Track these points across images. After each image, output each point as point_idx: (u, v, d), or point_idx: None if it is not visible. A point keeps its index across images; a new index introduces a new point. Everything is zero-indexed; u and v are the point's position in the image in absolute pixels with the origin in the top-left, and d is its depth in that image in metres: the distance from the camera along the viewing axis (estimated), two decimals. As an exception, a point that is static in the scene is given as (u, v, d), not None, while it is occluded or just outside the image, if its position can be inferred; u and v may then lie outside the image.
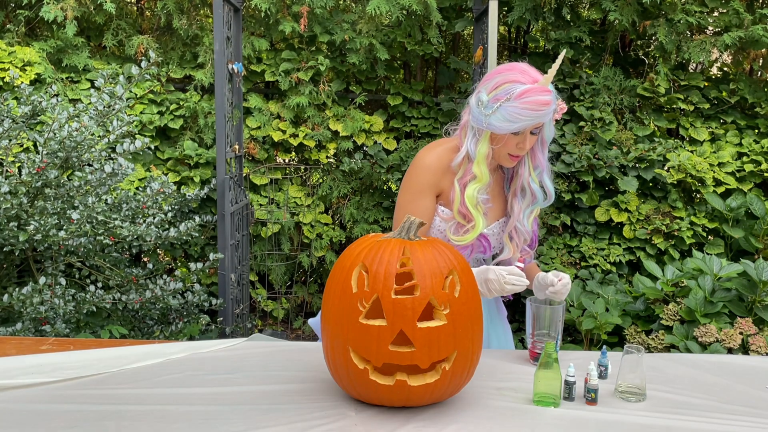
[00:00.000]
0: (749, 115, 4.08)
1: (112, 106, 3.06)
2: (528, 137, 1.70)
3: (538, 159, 1.80)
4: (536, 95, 1.62)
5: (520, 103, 1.62)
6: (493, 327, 1.96)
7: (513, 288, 1.65)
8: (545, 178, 1.83)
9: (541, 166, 1.81)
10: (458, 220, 1.76)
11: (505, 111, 1.63)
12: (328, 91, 3.95)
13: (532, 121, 1.64)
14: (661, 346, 2.90)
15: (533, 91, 1.62)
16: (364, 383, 1.35)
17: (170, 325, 3.14)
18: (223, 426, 1.31)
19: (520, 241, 1.85)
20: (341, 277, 1.38)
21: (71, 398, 1.43)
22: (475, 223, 1.74)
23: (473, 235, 1.75)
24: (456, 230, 1.77)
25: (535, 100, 1.61)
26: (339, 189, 3.99)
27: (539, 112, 1.63)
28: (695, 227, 3.76)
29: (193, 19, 3.97)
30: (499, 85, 1.65)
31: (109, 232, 2.80)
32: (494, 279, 1.65)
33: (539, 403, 1.43)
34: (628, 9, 3.75)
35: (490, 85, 1.68)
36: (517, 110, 1.62)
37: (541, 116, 1.64)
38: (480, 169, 1.73)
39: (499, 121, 1.65)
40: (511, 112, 1.63)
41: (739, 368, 1.72)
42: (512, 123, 1.64)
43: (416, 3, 3.62)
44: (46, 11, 3.58)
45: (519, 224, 1.83)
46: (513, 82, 1.64)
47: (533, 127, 1.69)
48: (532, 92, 1.61)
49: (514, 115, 1.63)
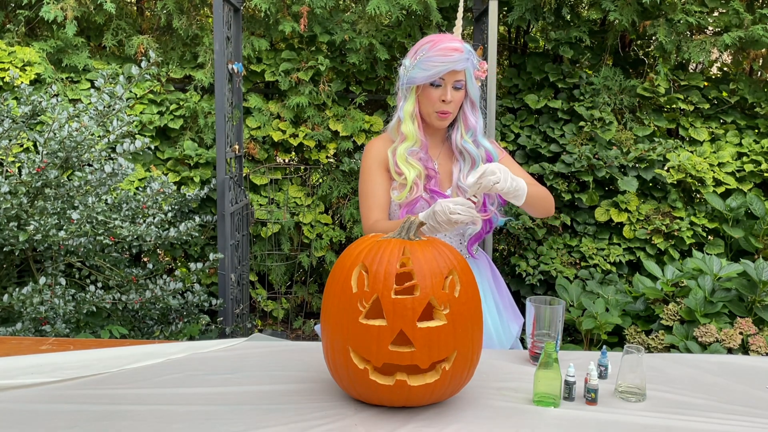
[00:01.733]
0: (749, 115, 4.08)
1: (112, 106, 3.06)
2: (449, 90, 1.80)
3: (470, 121, 1.90)
4: (445, 42, 1.78)
5: (432, 52, 1.77)
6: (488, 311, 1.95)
7: (459, 217, 1.64)
8: (481, 138, 1.91)
9: (474, 128, 1.90)
10: (398, 180, 1.85)
11: (421, 62, 1.79)
12: (328, 91, 3.95)
13: (445, 66, 1.76)
14: (661, 346, 2.90)
15: (442, 39, 1.79)
16: (364, 383, 1.35)
17: (170, 325, 3.14)
18: (223, 426, 1.31)
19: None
20: (341, 277, 1.38)
21: (71, 398, 1.43)
22: (406, 175, 1.83)
23: (406, 191, 1.83)
24: (399, 191, 1.86)
25: (444, 46, 1.77)
26: (339, 189, 3.99)
27: (450, 57, 1.76)
28: (695, 227, 3.76)
29: (193, 19, 3.97)
30: (417, 49, 1.83)
31: (109, 232, 2.80)
32: (440, 210, 1.65)
33: (539, 403, 1.43)
34: (628, 9, 3.75)
35: (411, 53, 1.85)
36: (431, 58, 1.77)
37: (453, 61, 1.77)
38: (407, 128, 1.85)
39: (416, 72, 1.80)
40: (426, 62, 1.78)
41: (739, 368, 1.72)
42: (427, 71, 1.78)
43: (416, 3, 3.62)
44: (46, 11, 3.58)
45: (461, 184, 1.89)
46: (427, 42, 1.81)
47: (452, 78, 1.79)
48: (442, 40, 1.78)
49: (428, 64, 1.77)
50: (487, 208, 1.92)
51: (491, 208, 1.92)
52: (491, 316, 1.97)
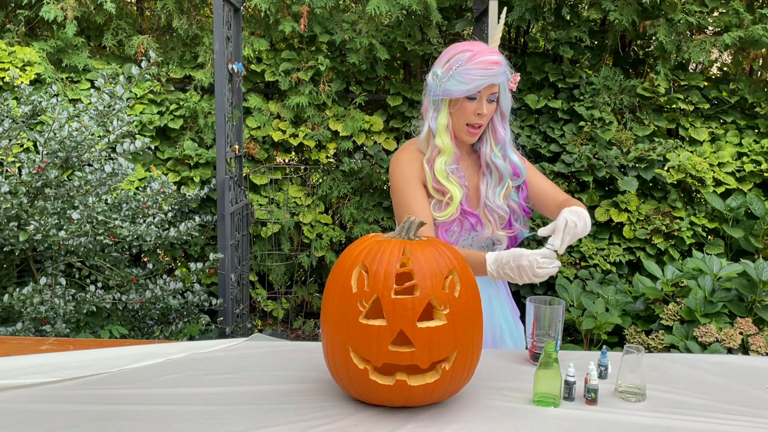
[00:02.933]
0: (749, 115, 4.08)
1: (112, 106, 3.06)
2: (485, 103, 1.74)
3: (500, 134, 1.83)
4: (486, 56, 1.70)
5: (471, 65, 1.69)
6: (506, 322, 1.95)
7: (545, 271, 1.60)
8: (510, 152, 1.85)
9: (503, 141, 1.84)
10: (436, 197, 1.78)
11: (459, 75, 1.71)
12: (328, 91, 3.95)
13: (485, 80, 1.70)
14: (661, 346, 2.90)
15: (482, 52, 1.70)
16: (364, 383, 1.35)
17: (170, 325, 3.14)
18: (223, 426, 1.31)
19: (494, 218, 1.84)
20: (341, 277, 1.38)
21: (71, 398, 1.43)
22: (451, 194, 1.77)
23: (453, 207, 1.76)
24: (437, 208, 1.78)
25: (485, 59, 1.69)
26: (339, 189, 3.99)
27: (490, 71, 1.69)
28: (695, 227, 3.76)
29: (193, 19, 3.97)
30: (451, 57, 1.74)
31: (109, 232, 2.80)
32: (527, 265, 1.59)
33: (539, 403, 1.43)
34: (628, 9, 3.75)
35: (442, 61, 1.76)
36: (469, 71, 1.69)
37: (493, 75, 1.70)
38: (442, 141, 1.78)
39: (454, 85, 1.72)
40: (464, 75, 1.70)
41: (739, 368, 1.72)
42: (466, 84, 1.70)
43: (416, 3, 3.62)
44: (46, 11, 3.58)
45: (489, 202, 1.83)
46: (463, 52, 1.72)
47: (488, 91, 1.73)
48: (482, 53, 1.70)
49: (467, 77, 1.70)
50: (513, 225, 1.88)
51: (516, 225, 1.88)
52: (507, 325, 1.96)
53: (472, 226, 1.81)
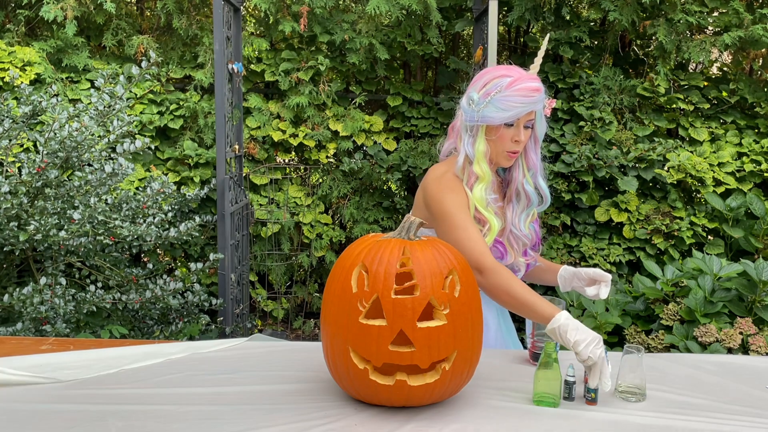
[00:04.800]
0: (749, 115, 4.08)
1: (112, 106, 3.06)
2: (521, 130, 1.70)
3: (532, 160, 1.79)
4: (526, 82, 1.65)
5: (511, 92, 1.65)
6: (507, 326, 1.95)
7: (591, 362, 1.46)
8: (539, 179, 1.81)
9: (535, 167, 1.80)
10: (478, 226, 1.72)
11: (498, 101, 1.66)
12: (328, 91, 3.95)
13: (525, 108, 1.66)
14: (661, 346, 2.90)
15: (522, 78, 1.66)
16: (364, 383, 1.35)
17: (170, 325, 3.14)
18: (223, 426, 1.31)
19: (518, 245, 1.81)
20: (341, 277, 1.38)
21: (71, 398, 1.43)
22: (490, 224, 1.71)
23: (491, 237, 1.71)
24: None
25: (525, 86, 1.65)
26: (339, 189, 3.99)
27: (531, 98, 1.65)
28: (695, 227, 3.76)
29: (193, 19, 3.97)
30: (488, 82, 1.69)
31: (109, 232, 2.80)
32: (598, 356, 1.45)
33: (539, 403, 1.43)
34: (627, 9, 3.75)
35: (479, 85, 1.71)
36: (510, 98, 1.65)
37: (533, 102, 1.66)
38: (481, 168, 1.72)
39: (493, 111, 1.67)
40: (504, 102, 1.65)
41: (739, 368, 1.72)
42: (506, 111, 1.66)
43: (416, 3, 3.62)
44: (46, 11, 3.58)
45: (515, 229, 1.79)
46: (501, 77, 1.67)
47: (526, 118, 1.69)
48: (522, 80, 1.65)
49: (507, 104, 1.65)
50: (528, 253, 1.85)
51: (531, 253, 1.86)
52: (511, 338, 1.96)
53: (501, 255, 1.77)
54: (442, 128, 4.08)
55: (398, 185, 4.00)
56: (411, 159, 3.87)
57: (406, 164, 3.86)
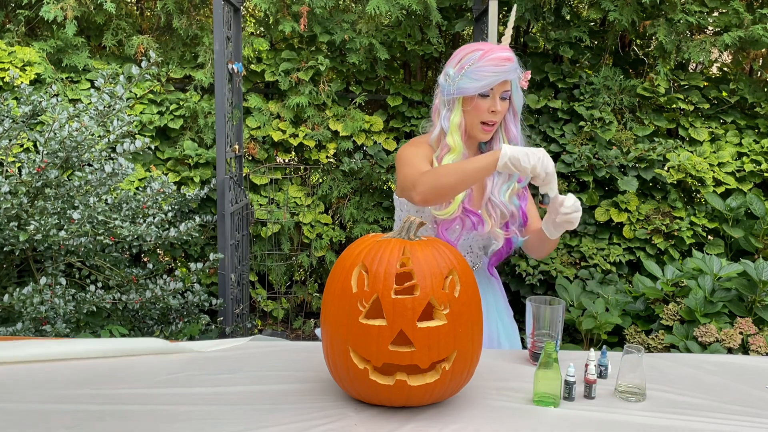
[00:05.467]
0: (749, 115, 4.08)
1: (112, 106, 3.06)
2: (498, 101, 1.76)
3: (512, 132, 1.85)
4: (497, 52, 1.73)
5: (484, 62, 1.73)
6: (503, 325, 1.96)
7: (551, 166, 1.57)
8: None
9: (515, 140, 1.86)
10: None
11: (471, 73, 1.74)
12: (328, 91, 3.95)
13: (497, 77, 1.73)
14: (661, 346, 2.90)
15: (494, 50, 1.74)
16: (364, 383, 1.35)
17: (170, 325, 3.14)
18: (223, 426, 1.31)
19: (496, 214, 1.85)
20: (341, 277, 1.38)
21: (71, 398, 1.43)
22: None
23: (454, 205, 1.78)
24: (439, 207, 1.80)
25: (497, 56, 1.73)
26: (339, 189, 3.99)
27: (503, 67, 1.72)
28: (695, 227, 3.76)
29: (193, 19, 3.97)
30: (462, 57, 1.77)
31: (109, 232, 2.80)
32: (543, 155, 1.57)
33: (539, 403, 1.43)
34: (627, 9, 3.75)
35: (454, 61, 1.79)
36: (482, 69, 1.72)
37: (505, 71, 1.73)
38: (453, 139, 1.80)
39: (467, 83, 1.75)
40: (477, 72, 1.73)
41: (739, 368, 1.73)
42: (479, 81, 1.73)
43: (416, 3, 3.61)
44: (46, 11, 3.58)
45: (494, 197, 1.84)
46: (474, 51, 1.76)
47: (501, 88, 1.75)
48: (493, 50, 1.74)
49: (480, 74, 1.73)
50: (510, 228, 1.88)
51: (513, 228, 1.88)
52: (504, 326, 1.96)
53: (473, 225, 1.82)
54: (442, 128, 4.08)
55: (398, 185, 3.99)
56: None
57: (406, 164, 3.85)
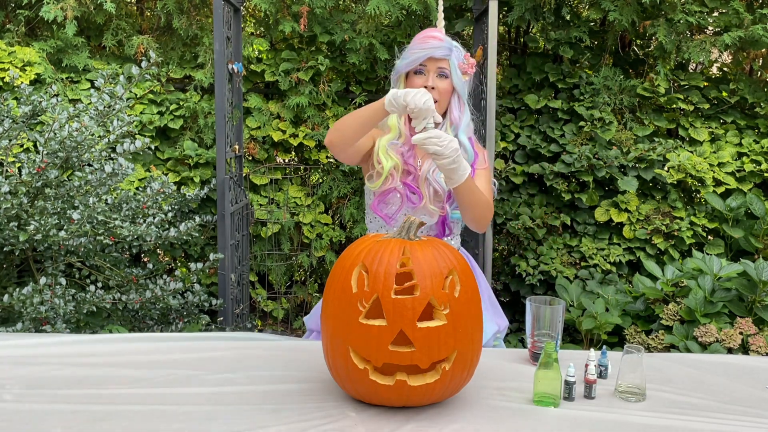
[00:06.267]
0: (749, 115, 4.08)
1: (112, 106, 3.06)
2: (432, 77, 1.88)
3: (454, 115, 1.94)
4: (425, 33, 1.90)
5: (413, 43, 1.91)
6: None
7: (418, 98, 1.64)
8: (461, 135, 1.93)
9: (456, 122, 1.94)
10: (377, 169, 1.93)
11: (404, 54, 1.92)
12: (328, 91, 3.95)
13: (423, 52, 1.85)
14: (661, 346, 2.90)
15: (424, 30, 1.92)
16: (364, 383, 1.35)
17: (170, 325, 3.14)
18: (224, 426, 1.31)
19: (430, 192, 1.93)
20: (341, 277, 1.38)
21: (71, 398, 1.43)
22: (383, 165, 1.89)
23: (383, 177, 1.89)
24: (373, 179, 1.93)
25: (423, 35, 1.89)
26: (339, 189, 3.99)
27: (427, 44, 1.85)
28: (695, 227, 3.76)
29: (193, 19, 3.97)
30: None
31: (109, 232, 2.80)
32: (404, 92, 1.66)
33: (539, 403, 1.43)
34: (627, 9, 3.75)
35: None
36: (411, 48, 1.90)
37: (431, 48, 1.86)
38: (392, 120, 1.92)
39: (400, 63, 1.91)
40: (407, 52, 1.91)
41: (739, 368, 1.73)
42: (407, 59, 1.89)
43: (416, 3, 3.62)
44: (46, 11, 3.58)
45: (429, 177, 1.92)
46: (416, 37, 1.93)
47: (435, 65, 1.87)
48: (423, 31, 1.92)
49: (409, 52, 1.89)
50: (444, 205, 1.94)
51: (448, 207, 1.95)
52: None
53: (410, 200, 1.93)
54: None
55: (398, 185, 3.99)
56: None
57: (406, 164, 3.86)
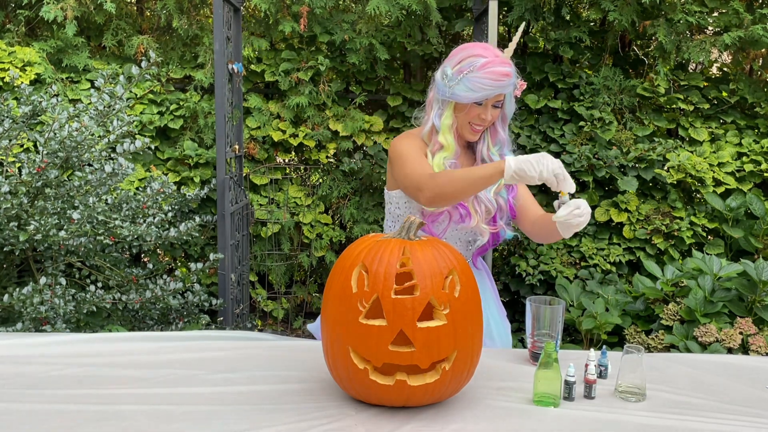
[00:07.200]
0: (749, 115, 4.08)
1: (112, 106, 3.05)
2: (489, 109, 1.79)
3: (499, 135, 1.89)
4: (497, 66, 1.73)
5: (482, 74, 1.73)
6: (494, 321, 1.97)
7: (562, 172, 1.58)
8: (506, 153, 1.90)
9: (502, 141, 1.90)
10: None
11: (468, 81, 1.74)
12: (328, 91, 3.95)
13: (494, 91, 1.74)
14: (661, 346, 2.90)
15: (495, 62, 1.73)
16: (364, 383, 1.35)
17: (170, 325, 3.14)
18: (223, 426, 1.31)
19: (482, 210, 1.88)
20: (341, 277, 1.38)
21: (71, 398, 1.43)
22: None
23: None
24: None
25: (496, 70, 1.73)
26: (339, 189, 3.99)
27: (500, 83, 1.73)
28: (695, 227, 3.76)
29: (193, 19, 3.97)
30: (462, 60, 1.77)
31: (109, 232, 2.80)
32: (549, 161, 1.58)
33: (539, 403, 1.43)
34: (627, 9, 3.75)
35: (454, 61, 1.79)
36: (480, 80, 1.73)
37: (502, 87, 1.75)
38: (446, 139, 1.83)
39: (462, 90, 1.75)
40: (474, 82, 1.73)
41: (739, 368, 1.73)
42: (475, 92, 1.74)
43: (416, 3, 3.62)
44: (46, 11, 3.58)
45: (480, 194, 1.86)
46: (476, 56, 1.75)
47: (495, 99, 1.78)
48: (494, 63, 1.73)
49: (477, 85, 1.73)
50: (497, 222, 1.89)
51: (500, 222, 1.90)
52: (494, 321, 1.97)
53: (461, 217, 1.86)
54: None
55: (398, 185, 3.99)
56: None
57: (406, 164, 3.86)
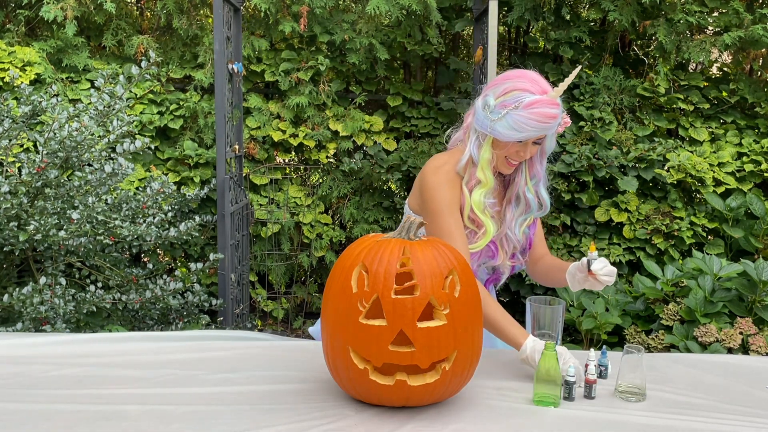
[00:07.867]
0: (749, 115, 4.08)
1: (112, 106, 3.05)
2: (529, 146, 1.70)
3: (536, 169, 1.80)
4: (545, 107, 1.61)
5: (527, 113, 1.60)
6: None
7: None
8: (541, 188, 1.83)
9: (538, 176, 1.81)
10: (469, 227, 1.75)
11: (512, 119, 1.62)
12: (328, 91, 3.95)
13: (537, 132, 1.64)
14: (661, 346, 2.90)
15: (542, 102, 1.61)
16: (364, 383, 1.35)
17: (170, 325, 3.14)
18: (223, 426, 1.31)
19: (509, 247, 1.83)
20: (341, 277, 1.38)
21: (71, 398, 1.43)
22: (486, 228, 1.73)
23: (485, 240, 1.73)
24: (468, 239, 1.74)
25: (543, 112, 1.61)
26: (339, 189, 3.99)
27: (545, 125, 1.63)
28: (695, 227, 3.76)
29: (193, 19, 3.97)
30: (507, 92, 1.64)
31: (109, 232, 2.80)
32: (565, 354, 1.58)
33: (539, 403, 1.43)
34: (627, 9, 3.75)
35: (498, 90, 1.67)
36: (524, 120, 1.61)
37: (547, 129, 1.64)
38: (484, 174, 1.72)
39: (504, 128, 1.64)
40: (518, 121, 1.62)
41: (739, 368, 1.73)
42: (517, 132, 1.63)
43: (416, 3, 3.61)
44: (46, 11, 3.58)
45: (510, 232, 1.81)
46: (522, 91, 1.63)
47: (536, 138, 1.69)
48: (541, 104, 1.61)
49: (521, 125, 1.62)
50: (516, 257, 1.87)
51: (519, 257, 1.87)
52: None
53: (493, 254, 1.81)
54: (442, 128, 4.08)
55: (398, 185, 4.00)
56: (411, 159, 3.87)
57: (406, 164, 3.86)
